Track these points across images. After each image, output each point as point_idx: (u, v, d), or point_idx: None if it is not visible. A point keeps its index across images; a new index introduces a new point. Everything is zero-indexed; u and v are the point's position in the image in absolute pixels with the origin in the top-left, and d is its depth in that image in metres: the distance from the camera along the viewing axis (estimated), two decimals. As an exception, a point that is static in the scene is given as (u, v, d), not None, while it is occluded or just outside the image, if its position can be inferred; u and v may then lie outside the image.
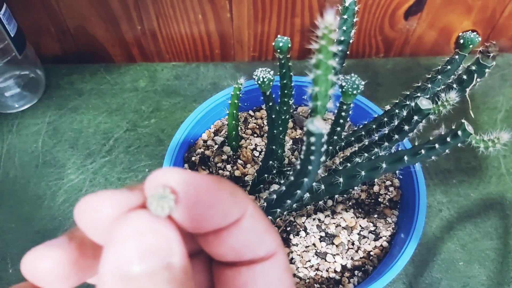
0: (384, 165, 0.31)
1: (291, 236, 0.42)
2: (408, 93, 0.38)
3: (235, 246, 0.15)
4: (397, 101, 0.37)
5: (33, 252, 0.14)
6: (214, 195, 0.14)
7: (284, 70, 0.35)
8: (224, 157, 0.48)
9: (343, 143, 0.40)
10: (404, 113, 0.32)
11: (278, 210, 0.33)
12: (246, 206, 0.15)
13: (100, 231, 0.14)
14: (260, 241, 0.15)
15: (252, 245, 0.15)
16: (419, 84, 0.37)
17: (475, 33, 0.33)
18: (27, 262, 0.14)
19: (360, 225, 0.43)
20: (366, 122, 0.40)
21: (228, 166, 0.47)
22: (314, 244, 0.42)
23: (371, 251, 0.42)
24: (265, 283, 0.15)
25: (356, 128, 0.41)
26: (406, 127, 0.31)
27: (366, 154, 0.36)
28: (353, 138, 0.40)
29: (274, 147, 0.40)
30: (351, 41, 0.36)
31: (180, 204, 0.13)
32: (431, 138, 0.29)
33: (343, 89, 0.31)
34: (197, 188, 0.14)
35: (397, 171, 0.45)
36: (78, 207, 0.14)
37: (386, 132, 0.35)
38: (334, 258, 0.41)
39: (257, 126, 0.51)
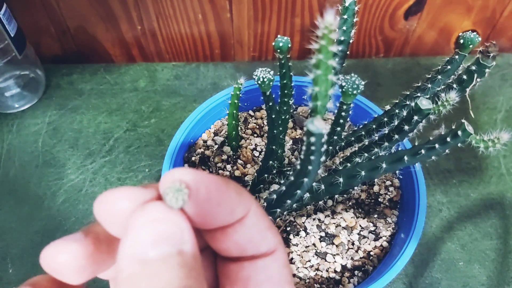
0: (384, 165, 0.31)
1: (291, 236, 0.42)
2: (408, 93, 0.38)
3: (239, 242, 0.16)
4: (397, 101, 0.37)
5: (52, 245, 0.15)
6: (222, 193, 0.15)
7: (284, 70, 0.35)
8: (224, 157, 0.48)
9: (343, 143, 0.40)
10: (404, 113, 0.32)
11: (278, 210, 0.33)
12: (250, 205, 0.16)
13: (117, 224, 0.15)
14: (262, 238, 0.16)
15: (254, 242, 0.16)
16: (419, 84, 0.37)
17: (475, 33, 0.33)
18: (46, 255, 0.15)
19: (360, 225, 0.43)
20: (366, 122, 0.40)
21: (228, 166, 0.47)
22: (314, 244, 0.42)
23: (371, 251, 0.42)
24: (266, 277, 0.16)
25: (356, 128, 0.41)
26: (406, 127, 0.31)
27: (366, 154, 0.36)
28: (353, 138, 0.40)
29: (274, 147, 0.40)
30: (351, 41, 0.36)
31: (191, 200, 0.14)
32: (431, 138, 0.29)
33: (343, 89, 0.31)
34: (208, 187, 0.15)
35: (397, 171, 0.45)
36: (97, 201, 0.15)
37: (386, 132, 0.35)
38: (334, 258, 0.41)
39: (257, 126, 0.51)
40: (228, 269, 0.17)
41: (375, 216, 0.43)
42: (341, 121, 0.35)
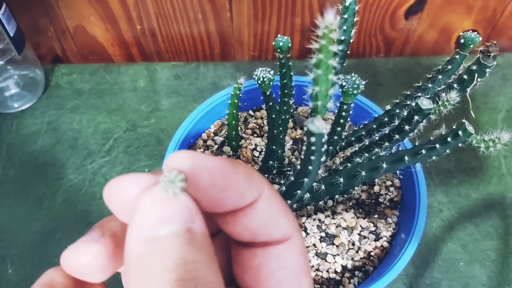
0: (384, 165, 0.31)
1: (291, 237, 0.42)
2: (409, 93, 0.38)
3: (250, 227, 0.15)
4: (398, 101, 0.37)
5: (72, 248, 0.15)
6: (228, 178, 0.14)
7: (284, 70, 0.35)
8: (224, 157, 0.48)
9: (343, 143, 0.40)
10: (405, 113, 0.32)
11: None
12: (262, 188, 0.15)
13: (127, 209, 0.15)
14: (275, 224, 0.16)
15: (267, 227, 0.16)
16: (420, 84, 0.37)
17: (475, 32, 0.33)
18: (68, 258, 0.15)
19: (360, 226, 0.43)
20: (366, 122, 0.40)
21: (228, 166, 0.47)
22: (314, 245, 0.41)
23: (372, 251, 0.41)
24: (279, 266, 0.16)
25: (356, 128, 0.41)
26: (407, 127, 0.31)
27: (366, 154, 0.36)
28: (353, 138, 0.40)
29: (274, 147, 0.40)
30: (351, 40, 0.35)
31: (193, 187, 0.14)
32: (431, 138, 0.29)
33: (344, 89, 0.31)
34: (211, 172, 0.14)
35: (397, 171, 0.45)
36: (107, 188, 0.15)
37: (387, 132, 0.34)
38: (334, 258, 0.41)
39: (257, 126, 0.51)
40: (240, 255, 0.16)
41: (376, 216, 0.43)
42: (342, 121, 0.35)
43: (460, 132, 0.27)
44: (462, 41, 0.33)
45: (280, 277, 0.16)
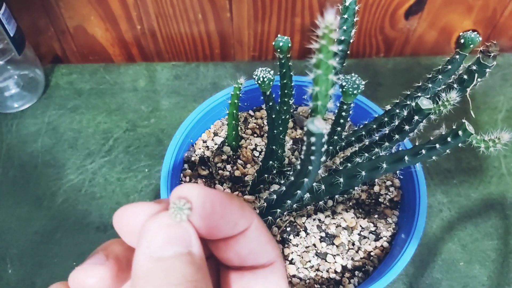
0: (384, 165, 0.31)
1: (291, 237, 0.42)
2: (409, 93, 0.38)
3: (241, 253, 0.18)
4: (398, 101, 0.37)
5: (80, 270, 0.17)
6: (225, 208, 0.17)
7: (284, 70, 0.35)
8: (224, 157, 0.48)
9: (343, 143, 0.40)
10: (405, 113, 0.32)
11: (278, 210, 0.33)
12: (252, 219, 0.18)
13: (134, 233, 0.17)
14: (262, 250, 0.18)
15: (255, 253, 0.18)
16: (420, 84, 0.37)
17: (475, 32, 0.33)
18: (76, 279, 0.17)
19: (360, 226, 0.43)
20: (366, 122, 0.40)
21: (228, 166, 0.47)
22: (314, 245, 0.41)
23: (372, 251, 0.41)
24: (264, 286, 0.18)
25: (356, 128, 0.41)
26: (407, 127, 0.31)
27: (366, 154, 0.36)
28: (353, 138, 0.40)
29: (274, 147, 0.40)
30: (351, 40, 0.35)
31: (196, 214, 0.16)
32: (431, 138, 0.29)
33: (344, 89, 0.31)
34: (212, 201, 0.17)
35: (397, 171, 0.45)
36: (116, 215, 0.17)
37: (387, 132, 0.34)
38: (334, 258, 0.41)
39: (257, 126, 0.51)
40: (229, 277, 0.18)
41: (376, 216, 0.43)
42: (342, 121, 0.35)
43: (460, 132, 0.27)
44: (462, 41, 0.33)
45: None
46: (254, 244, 0.18)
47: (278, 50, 0.33)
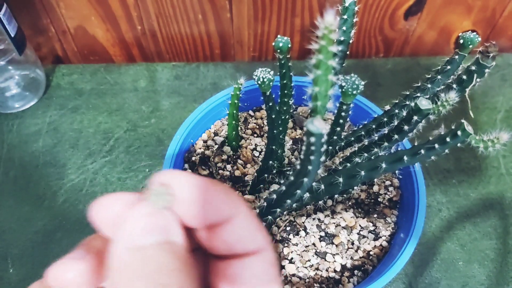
0: (383, 165, 0.31)
1: (291, 236, 0.42)
2: (408, 93, 0.38)
3: (228, 241, 0.17)
4: (397, 101, 0.37)
5: (58, 264, 0.17)
6: (209, 193, 0.16)
7: (284, 70, 0.35)
8: (224, 157, 0.48)
9: (343, 143, 0.40)
10: (404, 113, 0.32)
11: (278, 210, 0.34)
12: (239, 206, 0.17)
13: (111, 225, 0.16)
14: (250, 238, 0.17)
15: (243, 241, 0.17)
16: (419, 84, 0.37)
17: (475, 33, 0.33)
18: (54, 273, 0.17)
19: (359, 225, 0.43)
20: (366, 122, 0.40)
21: (228, 166, 0.47)
22: (314, 244, 0.42)
23: (371, 250, 0.42)
24: (252, 274, 0.17)
25: (356, 128, 0.41)
26: (406, 127, 0.31)
27: (365, 154, 0.36)
28: (352, 138, 0.40)
29: (274, 147, 0.40)
30: (351, 41, 0.36)
31: (179, 201, 0.16)
32: (430, 138, 0.29)
33: (343, 89, 0.31)
34: (195, 187, 0.16)
35: (396, 171, 0.45)
36: (92, 207, 0.16)
37: (386, 132, 0.35)
38: (333, 257, 0.41)
39: (257, 126, 0.51)
40: (217, 266, 0.18)
41: (375, 216, 0.44)
42: (341, 121, 0.35)
43: (459, 132, 0.27)
44: (461, 41, 0.33)
45: (253, 285, 0.17)
46: (242, 231, 0.17)
47: (278, 51, 0.34)
